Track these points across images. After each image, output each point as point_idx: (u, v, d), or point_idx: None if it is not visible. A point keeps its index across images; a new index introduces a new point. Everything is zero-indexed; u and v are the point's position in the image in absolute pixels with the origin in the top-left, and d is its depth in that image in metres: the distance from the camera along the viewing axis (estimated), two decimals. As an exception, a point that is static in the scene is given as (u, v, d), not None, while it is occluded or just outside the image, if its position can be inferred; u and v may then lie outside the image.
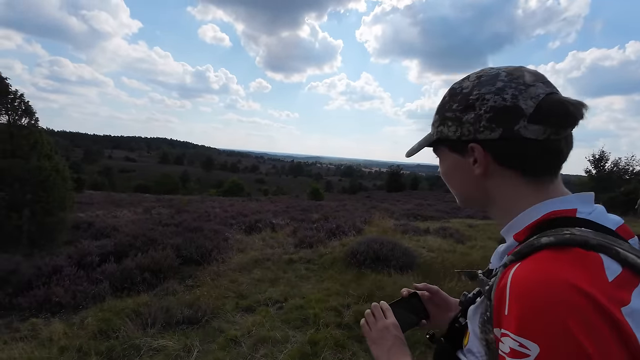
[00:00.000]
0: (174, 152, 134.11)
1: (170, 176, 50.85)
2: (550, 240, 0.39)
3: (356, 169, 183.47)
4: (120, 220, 9.65)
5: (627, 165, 18.53)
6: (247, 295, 3.75)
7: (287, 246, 6.30)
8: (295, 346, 2.52)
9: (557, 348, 0.33)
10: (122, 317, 2.97)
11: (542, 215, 0.45)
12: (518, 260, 0.41)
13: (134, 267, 4.16)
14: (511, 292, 0.38)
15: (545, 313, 0.34)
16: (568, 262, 0.37)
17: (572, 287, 0.34)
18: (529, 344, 0.35)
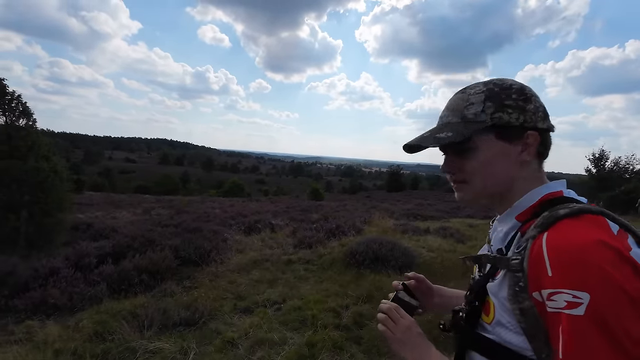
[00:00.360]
0: (174, 153, 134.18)
1: (171, 177, 50.89)
2: (566, 212, 0.49)
3: (356, 169, 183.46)
4: (119, 221, 9.64)
5: (628, 164, 18.48)
6: (245, 296, 3.72)
7: (286, 247, 6.27)
8: (292, 348, 2.49)
9: (603, 291, 0.41)
10: (119, 319, 2.94)
11: (540, 197, 0.57)
12: (544, 230, 0.49)
13: (132, 269, 4.14)
14: (551, 256, 0.45)
15: (587, 266, 0.42)
16: (587, 225, 0.47)
17: (601, 243, 0.44)
18: (580, 294, 0.42)
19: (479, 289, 0.58)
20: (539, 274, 0.46)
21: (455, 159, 0.62)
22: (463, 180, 0.62)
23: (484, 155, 0.58)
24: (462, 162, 0.61)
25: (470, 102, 0.59)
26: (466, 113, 0.59)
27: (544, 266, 0.46)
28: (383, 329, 0.65)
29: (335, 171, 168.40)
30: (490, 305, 0.55)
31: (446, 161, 0.63)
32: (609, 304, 0.41)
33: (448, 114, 0.62)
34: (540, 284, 0.46)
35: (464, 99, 0.60)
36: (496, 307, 0.54)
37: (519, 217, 0.57)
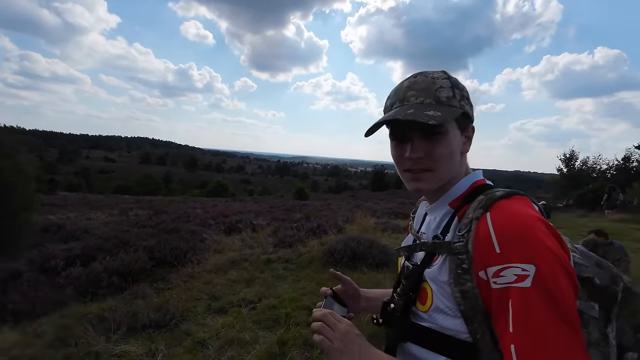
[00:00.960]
0: (156, 152, 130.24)
1: (152, 177, 49.42)
2: (502, 193, 0.54)
3: (342, 168, 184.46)
4: (93, 222, 9.27)
5: (595, 164, 19.51)
6: (220, 296, 3.67)
7: (266, 246, 6.22)
8: (263, 347, 2.48)
9: (545, 262, 0.44)
10: (84, 323, 2.83)
11: (470, 184, 0.61)
12: (486, 210, 0.52)
13: (102, 271, 3.99)
14: (497, 234, 0.48)
15: (531, 240, 0.46)
16: (520, 203, 0.52)
17: (536, 218, 0.49)
18: (527, 266, 0.44)
19: (416, 279, 0.58)
20: (485, 253, 0.48)
21: (423, 144, 0.57)
22: (428, 168, 0.58)
23: (452, 142, 0.58)
24: (431, 148, 0.57)
25: (440, 85, 0.58)
26: (439, 95, 0.57)
27: (491, 244, 0.47)
28: (319, 338, 0.57)
29: (321, 171, 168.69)
30: (427, 293, 0.55)
31: (416, 147, 0.58)
32: (550, 272, 0.44)
33: (419, 94, 0.58)
34: (486, 262, 0.48)
35: (430, 82, 0.58)
36: (434, 293, 0.54)
37: (452, 203, 0.59)
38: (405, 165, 0.60)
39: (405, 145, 0.59)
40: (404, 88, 0.60)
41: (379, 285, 3.26)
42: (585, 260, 0.54)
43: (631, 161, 18.95)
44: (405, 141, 0.59)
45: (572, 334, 0.42)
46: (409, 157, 0.58)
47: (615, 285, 0.52)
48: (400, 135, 0.60)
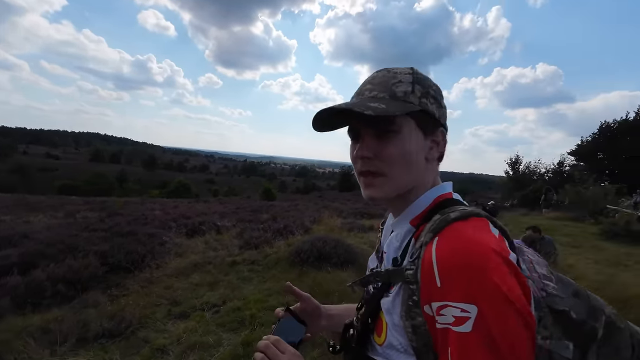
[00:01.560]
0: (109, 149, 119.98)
1: (105, 176, 45.49)
2: (457, 215, 0.45)
3: (310, 169, 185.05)
4: (34, 226, 8.34)
5: (535, 167, 21.90)
6: (182, 301, 3.55)
7: (231, 248, 6.09)
8: (227, 349, 2.46)
9: (490, 303, 0.38)
10: (24, 336, 2.58)
11: (432, 200, 0.53)
12: (435, 235, 0.44)
13: (45, 279, 3.65)
14: (439, 265, 0.41)
15: (474, 276, 0.38)
16: (475, 228, 0.44)
17: (488, 249, 0.40)
18: (468, 307, 0.38)
19: (374, 305, 0.51)
20: (429, 285, 0.41)
21: (374, 143, 0.51)
22: (380, 172, 0.51)
23: (407, 142, 0.50)
24: (381, 147, 0.51)
25: (399, 79, 0.52)
26: (395, 90, 0.51)
27: (433, 276, 0.41)
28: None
29: (289, 171, 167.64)
30: (382, 324, 0.49)
31: (365, 145, 0.51)
32: (496, 316, 0.37)
33: (373, 88, 0.52)
34: (430, 296, 0.41)
35: (390, 76, 0.53)
36: (388, 327, 0.48)
37: (412, 221, 0.52)
38: (358, 166, 0.53)
39: (355, 144, 0.54)
40: (366, 81, 0.55)
41: (343, 283, 3.39)
42: (562, 290, 0.48)
43: (564, 165, 21.59)
44: (356, 139, 0.54)
45: None
46: (356, 155, 0.52)
47: (593, 321, 0.46)
48: (355, 133, 0.54)
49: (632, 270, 5.15)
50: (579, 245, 7.36)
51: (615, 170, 19.50)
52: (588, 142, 21.74)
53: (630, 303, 2.79)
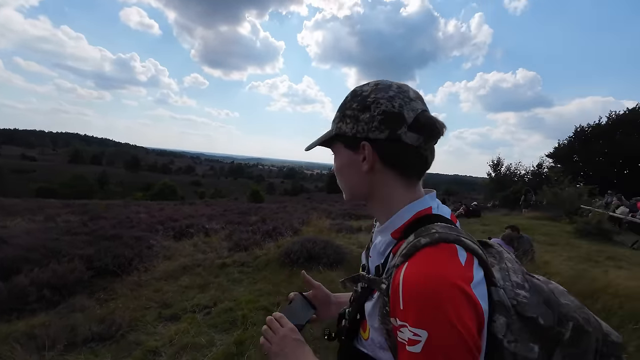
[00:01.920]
0: (89, 150, 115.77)
1: (84, 177, 43.88)
2: (427, 241, 0.49)
3: (298, 171, 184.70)
4: (11, 230, 8.01)
5: (516, 169, 22.73)
6: (172, 303, 3.54)
7: (220, 250, 6.08)
8: (220, 349, 2.50)
9: (439, 331, 0.42)
10: (9, 342, 2.53)
11: (412, 215, 0.56)
12: (405, 260, 0.49)
13: (28, 284, 3.56)
14: (404, 290, 0.46)
15: (429, 306, 0.43)
16: (443, 256, 0.47)
17: (447, 283, 0.44)
18: (420, 332, 0.43)
19: (359, 306, 0.59)
20: (395, 304, 0.47)
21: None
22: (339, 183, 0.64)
23: (338, 162, 0.61)
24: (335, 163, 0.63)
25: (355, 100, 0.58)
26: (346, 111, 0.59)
27: (398, 298, 0.47)
28: (262, 341, 0.62)
29: (277, 173, 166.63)
30: (366, 323, 0.57)
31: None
32: (443, 344, 0.42)
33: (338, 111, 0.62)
34: (395, 313, 0.47)
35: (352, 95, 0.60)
36: (370, 327, 0.55)
37: (393, 234, 0.56)
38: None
39: None
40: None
41: (333, 282, 3.48)
42: (534, 298, 0.52)
43: (542, 167, 22.53)
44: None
45: None
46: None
47: (560, 327, 0.51)
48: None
49: (601, 266, 5.49)
50: (555, 243, 7.74)
51: (590, 171, 20.52)
52: (564, 145, 22.78)
53: (597, 295, 3.02)
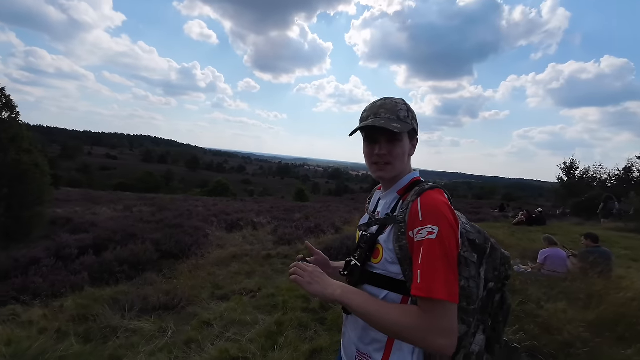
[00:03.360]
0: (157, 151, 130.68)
1: (153, 175, 49.70)
2: (429, 186, 0.83)
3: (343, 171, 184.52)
4: (99, 217, 9.57)
5: (595, 173, 19.69)
6: (223, 286, 3.96)
7: (266, 243, 6.52)
8: (263, 326, 2.76)
9: (444, 225, 0.73)
10: (101, 303, 3.12)
11: (410, 180, 0.90)
12: (418, 196, 0.80)
13: (113, 260, 4.30)
14: (422, 209, 0.77)
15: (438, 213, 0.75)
16: (438, 193, 0.81)
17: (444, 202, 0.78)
18: (434, 227, 0.73)
19: (371, 242, 0.86)
20: (414, 221, 0.76)
21: (387, 146, 0.86)
22: (388, 162, 0.87)
23: (405, 146, 0.87)
24: (392, 148, 0.86)
25: (400, 108, 0.87)
26: (399, 114, 0.86)
27: (417, 215, 0.76)
28: (294, 277, 0.84)
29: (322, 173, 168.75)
30: (379, 251, 0.83)
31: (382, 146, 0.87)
32: (446, 232, 0.72)
33: (386, 112, 0.86)
34: (414, 226, 0.76)
35: (394, 104, 0.88)
36: (384, 250, 0.82)
37: (399, 192, 0.89)
38: (373, 159, 0.89)
39: (374, 146, 0.88)
40: (377, 106, 0.89)
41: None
42: (473, 230, 0.87)
43: (632, 171, 19.07)
44: (375, 142, 0.88)
45: (450, 267, 0.72)
46: (378, 153, 0.87)
47: (486, 244, 0.87)
48: (372, 138, 0.88)
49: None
50: (639, 258, 6.66)
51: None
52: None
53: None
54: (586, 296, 3.07)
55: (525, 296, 3.10)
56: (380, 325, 0.75)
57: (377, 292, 0.83)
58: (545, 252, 4.64)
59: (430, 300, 0.70)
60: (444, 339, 0.69)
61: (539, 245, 5.65)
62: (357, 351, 0.88)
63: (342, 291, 0.80)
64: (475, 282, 0.82)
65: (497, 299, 0.91)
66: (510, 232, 9.45)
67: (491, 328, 0.91)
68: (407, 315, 0.73)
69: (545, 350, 2.35)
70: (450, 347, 0.70)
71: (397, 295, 0.81)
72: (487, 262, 0.86)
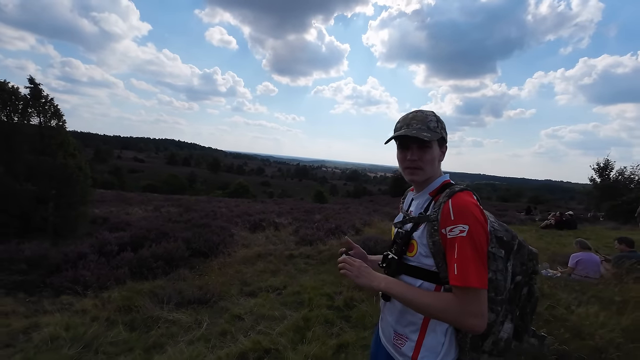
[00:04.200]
0: (181, 154, 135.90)
1: (178, 177, 51.74)
2: (460, 188, 0.93)
3: (361, 173, 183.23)
4: (132, 216, 10.18)
5: (633, 174, 18.40)
6: (250, 283, 4.16)
7: (288, 243, 6.70)
8: (290, 321, 2.90)
9: (474, 224, 0.83)
10: (142, 295, 3.40)
11: (442, 182, 1.00)
12: (449, 198, 0.89)
13: (149, 256, 4.62)
14: (453, 209, 0.86)
15: (468, 213, 0.84)
16: (468, 195, 0.91)
17: (474, 203, 0.88)
18: (464, 226, 0.83)
19: (407, 238, 0.97)
20: (446, 220, 0.86)
21: (418, 152, 0.97)
22: (419, 167, 0.97)
23: (434, 152, 0.98)
24: (422, 154, 0.97)
25: (430, 119, 0.98)
26: (429, 125, 0.97)
27: (449, 214, 0.86)
28: (344, 271, 0.98)
29: (340, 175, 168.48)
30: (414, 246, 0.94)
31: (413, 152, 0.98)
32: (476, 230, 0.83)
33: (417, 123, 0.97)
34: (446, 224, 0.86)
35: (425, 116, 0.98)
36: (418, 245, 0.93)
37: (431, 193, 0.99)
38: (405, 164, 1.00)
39: (406, 152, 0.99)
40: (409, 118, 1.00)
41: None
42: (501, 228, 0.95)
43: (675, 172, 17.64)
44: (407, 149, 0.99)
45: (480, 259, 0.83)
46: (410, 159, 0.98)
47: (513, 241, 0.95)
48: (404, 145, 1.00)
49: None
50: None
51: None
52: None
53: None
54: (621, 301, 2.98)
55: (554, 300, 3.05)
56: (420, 308, 0.88)
57: (413, 282, 0.94)
58: (577, 256, 4.48)
59: (466, 288, 0.81)
60: (476, 319, 0.81)
61: (570, 249, 5.44)
62: (395, 332, 1.00)
63: (386, 283, 0.93)
64: (503, 275, 0.91)
65: (524, 292, 0.99)
66: (538, 235, 9.11)
67: (519, 318, 0.99)
68: (441, 300, 0.85)
69: (575, 354, 2.32)
70: (481, 326, 0.82)
71: (431, 284, 0.92)
72: (515, 257, 0.95)
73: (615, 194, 16.70)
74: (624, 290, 3.21)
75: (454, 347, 0.92)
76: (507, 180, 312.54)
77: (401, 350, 0.97)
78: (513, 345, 0.96)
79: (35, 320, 2.86)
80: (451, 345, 0.92)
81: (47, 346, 2.45)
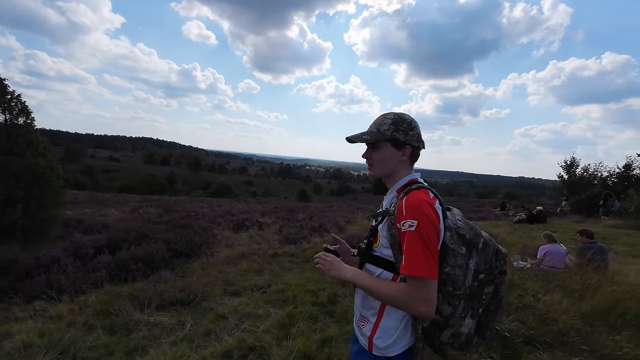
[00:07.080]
0: (160, 153, 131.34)
1: (157, 177, 50.04)
2: (418, 186, 1.00)
3: (345, 171, 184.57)
4: (109, 218, 9.79)
5: (596, 171, 19.71)
6: (234, 282, 4.14)
7: (272, 242, 6.70)
8: (275, 319, 2.94)
9: (422, 219, 0.89)
10: (121, 298, 3.32)
11: (408, 180, 1.07)
12: (405, 195, 0.96)
13: (128, 258, 4.49)
14: (406, 205, 0.93)
15: (418, 209, 0.90)
16: (422, 193, 0.96)
17: (425, 200, 0.93)
18: (413, 221, 0.89)
19: (374, 231, 1.06)
20: (400, 215, 0.93)
21: (369, 152, 1.09)
22: (371, 164, 1.10)
23: (385, 152, 1.06)
24: (371, 153, 1.08)
25: (384, 122, 1.06)
26: (380, 128, 1.06)
27: (402, 210, 0.93)
28: (318, 265, 1.08)
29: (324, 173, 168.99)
30: (378, 237, 1.03)
31: (366, 151, 1.10)
32: (424, 225, 0.89)
33: (372, 126, 1.09)
34: (399, 219, 0.93)
35: (382, 119, 1.07)
36: (381, 237, 1.02)
37: (397, 190, 1.07)
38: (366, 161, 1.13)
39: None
40: (373, 121, 1.11)
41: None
42: (465, 226, 1.01)
43: (632, 169, 19.08)
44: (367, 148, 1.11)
45: (430, 256, 0.89)
46: (363, 156, 1.11)
47: (476, 239, 1.01)
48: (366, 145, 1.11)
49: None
50: (638, 254, 6.78)
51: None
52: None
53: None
54: (581, 289, 3.23)
55: (523, 289, 3.26)
56: (378, 296, 0.97)
57: (374, 270, 1.03)
58: (544, 248, 4.79)
59: (414, 277, 0.89)
60: (424, 306, 0.89)
61: (540, 242, 5.80)
62: (360, 315, 1.10)
63: (353, 274, 1.03)
64: (462, 271, 0.96)
65: (489, 290, 1.04)
66: (511, 230, 9.60)
67: (482, 315, 1.05)
68: (395, 289, 0.94)
69: (541, 339, 2.51)
70: (430, 312, 0.90)
71: (389, 273, 1.00)
72: (479, 256, 1.01)
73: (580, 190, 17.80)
74: (584, 278, 3.49)
75: (409, 333, 1.00)
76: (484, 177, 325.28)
77: (362, 330, 1.07)
78: (475, 342, 1.03)
79: (6, 327, 2.73)
80: (406, 330, 1.00)
81: (20, 354, 2.36)
